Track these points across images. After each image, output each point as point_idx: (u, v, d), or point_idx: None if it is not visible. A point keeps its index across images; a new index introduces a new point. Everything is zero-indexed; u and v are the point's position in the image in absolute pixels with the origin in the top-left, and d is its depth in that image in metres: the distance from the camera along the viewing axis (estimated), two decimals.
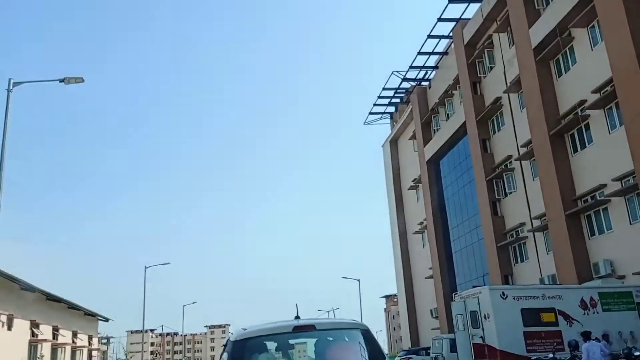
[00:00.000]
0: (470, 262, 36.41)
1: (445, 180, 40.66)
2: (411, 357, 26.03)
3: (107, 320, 35.88)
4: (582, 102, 24.01)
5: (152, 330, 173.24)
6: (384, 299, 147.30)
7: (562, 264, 24.77)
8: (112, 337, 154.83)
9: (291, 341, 4.92)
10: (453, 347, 19.85)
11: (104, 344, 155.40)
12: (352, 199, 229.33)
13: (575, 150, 25.01)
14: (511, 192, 30.60)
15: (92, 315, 33.41)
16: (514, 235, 30.31)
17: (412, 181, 45.98)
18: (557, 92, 25.99)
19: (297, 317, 4.93)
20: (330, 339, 4.75)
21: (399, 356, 26.90)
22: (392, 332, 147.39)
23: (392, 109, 52.19)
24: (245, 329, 4.82)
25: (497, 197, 31.64)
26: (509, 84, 29.64)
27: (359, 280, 48.96)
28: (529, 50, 26.91)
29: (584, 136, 24.51)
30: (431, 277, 42.01)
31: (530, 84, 26.98)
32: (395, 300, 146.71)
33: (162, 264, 34.70)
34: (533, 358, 15.54)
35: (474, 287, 18.53)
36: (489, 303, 15.98)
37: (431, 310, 41.72)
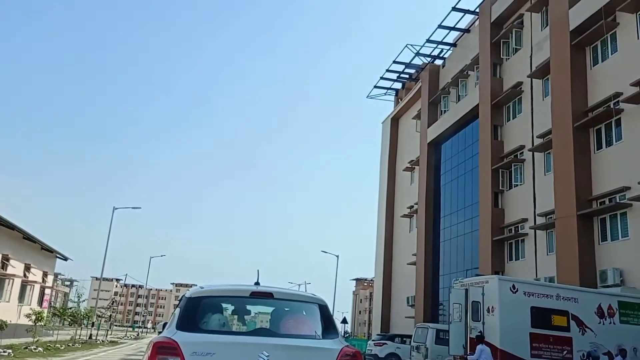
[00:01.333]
0: (458, 254, 34.48)
1: (444, 165, 38.49)
2: (385, 343, 24.06)
3: (65, 259, 33.45)
4: (617, 94, 21.78)
5: (117, 280, 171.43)
6: (354, 281, 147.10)
7: (564, 267, 22.80)
8: (75, 281, 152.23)
9: (248, 307, 4.96)
10: (439, 339, 17.84)
11: (67, 285, 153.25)
12: (344, 176, 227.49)
13: (600, 147, 22.86)
14: (517, 185, 28.51)
15: (50, 251, 30.89)
16: (513, 231, 28.32)
17: (409, 162, 43.76)
18: (588, 82, 23.73)
19: (257, 283, 4.86)
20: (287, 309, 4.74)
21: (373, 340, 24.91)
22: (358, 316, 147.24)
23: (399, 85, 49.70)
24: (202, 287, 4.77)
25: (500, 188, 29.54)
26: (534, 69, 27.32)
27: (337, 256, 47.09)
28: (564, 33, 24.54)
29: (612, 132, 22.35)
30: (413, 263, 40.11)
31: (560, 70, 24.68)
32: (365, 284, 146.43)
33: (133, 208, 32.23)
34: None
35: (477, 275, 16.41)
36: (496, 295, 13.88)
37: (408, 298, 39.90)
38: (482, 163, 30.96)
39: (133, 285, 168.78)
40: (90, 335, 29.65)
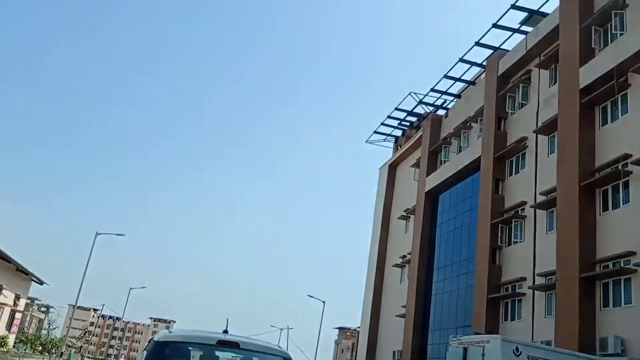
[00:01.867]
0: (450, 309, 33.20)
1: (441, 217, 37.64)
2: None
3: (41, 282, 31.86)
4: (626, 156, 21.22)
5: (94, 309, 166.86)
6: (337, 329, 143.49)
7: (563, 331, 21.66)
8: (52, 307, 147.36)
9: (216, 353, 4.95)
10: None
11: (43, 312, 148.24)
12: (335, 220, 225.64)
13: (606, 209, 22.13)
14: (517, 242, 27.61)
15: (25, 273, 29.38)
16: (510, 290, 27.25)
17: (405, 211, 42.92)
18: (597, 141, 23.22)
19: (226, 331, 5.02)
20: (256, 359, 4.82)
21: None
22: None
23: (399, 132, 49.38)
24: (171, 332, 5.00)
25: (499, 243, 28.62)
26: (540, 125, 26.88)
27: (324, 302, 45.46)
28: (574, 91, 24.20)
29: (619, 194, 21.67)
30: (402, 315, 38.69)
31: (568, 127, 24.21)
32: (348, 333, 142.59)
33: (117, 234, 30.91)
34: None
35: (476, 333, 15.30)
36: (498, 356, 12.76)
37: (394, 352, 38.32)
38: (481, 217, 30.15)
39: (110, 317, 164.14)
40: None
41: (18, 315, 30.95)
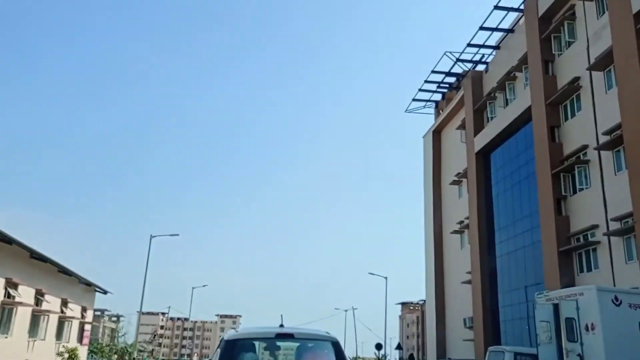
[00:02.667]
0: (518, 268, 31.75)
1: (495, 176, 36.03)
2: None
3: (105, 292, 32.24)
4: None
5: (162, 313, 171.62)
6: (400, 305, 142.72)
7: None
8: (122, 316, 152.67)
9: (278, 343, 5.97)
10: None
11: (114, 321, 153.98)
12: (384, 195, 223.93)
13: None
14: (582, 189, 25.91)
15: (88, 284, 29.71)
16: (582, 240, 25.63)
17: (456, 175, 41.42)
18: None
19: (282, 326, 5.82)
20: (311, 345, 5.86)
21: None
22: (405, 340, 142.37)
23: (439, 96, 47.67)
24: (237, 331, 5.99)
25: (563, 193, 26.96)
26: (593, 61, 24.97)
27: (386, 277, 44.63)
28: (627, 18, 22.25)
29: None
30: (468, 282, 37.44)
31: (626, 57, 22.30)
32: (411, 308, 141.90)
33: (171, 235, 30.92)
34: None
35: (565, 287, 14.09)
36: (596, 309, 11.61)
37: (465, 320, 37.15)
38: (540, 168, 28.48)
39: (178, 318, 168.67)
40: None
41: (87, 327, 31.37)
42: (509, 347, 15.99)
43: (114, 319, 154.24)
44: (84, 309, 30.43)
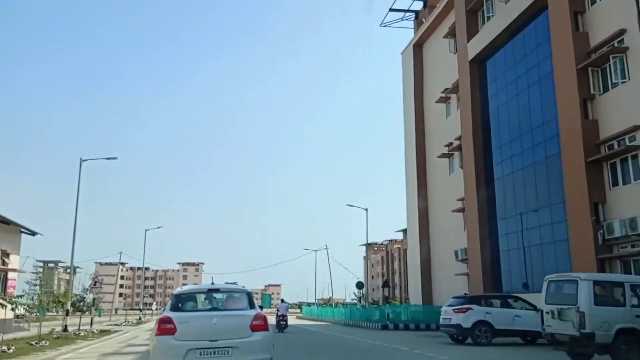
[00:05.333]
0: (528, 189, 27.31)
1: (493, 86, 31.09)
2: (470, 309, 17.13)
3: (33, 233, 26.39)
4: None
5: (122, 264, 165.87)
6: (364, 246, 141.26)
7: None
8: (78, 267, 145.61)
9: (212, 295, 8.98)
10: (600, 297, 10.87)
11: (69, 273, 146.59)
12: (358, 122, 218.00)
13: None
14: (617, 84, 21.20)
15: (5, 222, 23.79)
16: (616, 146, 21.13)
17: (443, 92, 36.41)
18: None
19: (213, 284, 9.01)
20: (231, 294, 8.96)
21: (450, 305, 17.99)
22: (371, 280, 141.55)
23: (419, 4, 42.05)
24: (182, 288, 9.12)
25: (592, 92, 22.24)
26: None
27: (366, 209, 40.02)
28: None
29: None
30: (460, 210, 33.17)
31: None
32: (375, 248, 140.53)
33: (107, 159, 24.60)
34: None
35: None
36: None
37: (456, 252, 33.02)
38: (560, 65, 23.57)
39: (139, 268, 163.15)
40: (65, 327, 22.69)
41: (12, 275, 25.64)
42: (585, 274, 11.30)
43: (69, 270, 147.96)
44: (4, 254, 24.56)
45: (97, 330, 27.61)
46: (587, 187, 21.39)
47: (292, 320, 47.68)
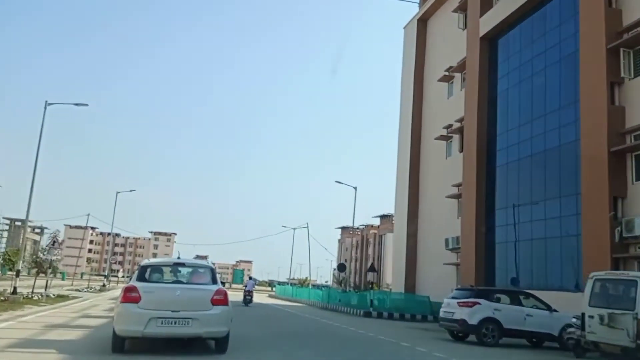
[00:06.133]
0: (535, 178, 25.33)
1: (504, 66, 28.91)
2: (478, 303, 15.00)
3: None
4: None
5: (92, 228, 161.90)
6: (340, 229, 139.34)
7: None
8: (46, 228, 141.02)
9: (175, 269, 9.69)
10: None
11: (37, 233, 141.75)
12: (357, 101, 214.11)
13: None
14: None
15: None
16: None
17: (447, 70, 34.15)
18: None
19: (179, 258, 9.78)
20: (196, 269, 9.60)
21: (453, 297, 15.86)
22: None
23: None
24: (149, 260, 9.72)
25: (622, 75, 20.17)
26: None
27: (355, 188, 37.76)
28: None
29: None
30: (454, 196, 31.20)
31: None
32: (351, 232, 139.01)
33: (75, 104, 21.57)
34: None
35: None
36: None
37: (447, 240, 31.05)
38: (588, 44, 21.42)
39: (109, 234, 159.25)
40: (15, 289, 20.09)
41: None
42: None
43: (38, 230, 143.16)
44: None
45: (53, 295, 25.11)
46: (607, 179, 19.43)
47: (265, 299, 45.79)
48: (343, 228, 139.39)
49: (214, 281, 9.03)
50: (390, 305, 27.71)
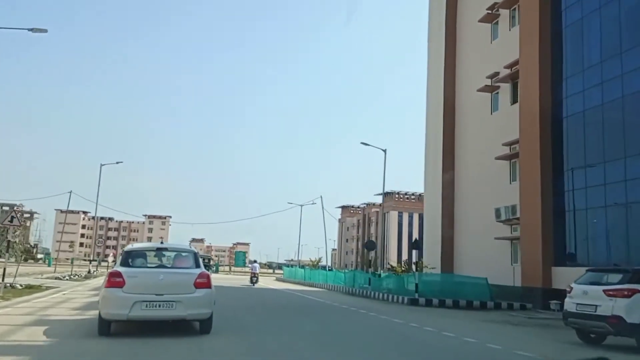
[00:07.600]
0: (613, 131, 20.01)
1: None
2: (638, 291, 9.70)
3: None
4: None
5: (84, 212, 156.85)
6: (340, 209, 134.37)
7: None
8: (36, 212, 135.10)
9: (157, 254, 10.02)
10: None
11: (27, 218, 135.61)
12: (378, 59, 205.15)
13: None
14: None
15: None
16: None
17: (489, 8, 28.59)
18: None
19: (162, 243, 10.08)
20: (184, 254, 9.65)
21: (592, 283, 10.55)
22: (345, 244, 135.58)
23: None
24: (133, 245, 10.07)
25: None
26: None
27: (385, 150, 32.27)
28: None
29: None
30: (508, 157, 25.93)
31: None
32: (351, 211, 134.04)
33: (30, 29, 16.30)
34: None
35: None
36: None
37: (499, 210, 25.81)
38: None
39: (102, 218, 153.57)
40: None
41: None
42: None
43: (27, 215, 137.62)
44: None
45: (20, 286, 19.77)
46: None
47: (273, 283, 40.89)
48: (343, 207, 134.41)
49: (197, 265, 9.28)
50: (439, 290, 22.41)
